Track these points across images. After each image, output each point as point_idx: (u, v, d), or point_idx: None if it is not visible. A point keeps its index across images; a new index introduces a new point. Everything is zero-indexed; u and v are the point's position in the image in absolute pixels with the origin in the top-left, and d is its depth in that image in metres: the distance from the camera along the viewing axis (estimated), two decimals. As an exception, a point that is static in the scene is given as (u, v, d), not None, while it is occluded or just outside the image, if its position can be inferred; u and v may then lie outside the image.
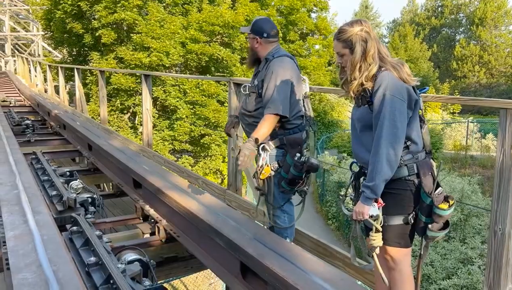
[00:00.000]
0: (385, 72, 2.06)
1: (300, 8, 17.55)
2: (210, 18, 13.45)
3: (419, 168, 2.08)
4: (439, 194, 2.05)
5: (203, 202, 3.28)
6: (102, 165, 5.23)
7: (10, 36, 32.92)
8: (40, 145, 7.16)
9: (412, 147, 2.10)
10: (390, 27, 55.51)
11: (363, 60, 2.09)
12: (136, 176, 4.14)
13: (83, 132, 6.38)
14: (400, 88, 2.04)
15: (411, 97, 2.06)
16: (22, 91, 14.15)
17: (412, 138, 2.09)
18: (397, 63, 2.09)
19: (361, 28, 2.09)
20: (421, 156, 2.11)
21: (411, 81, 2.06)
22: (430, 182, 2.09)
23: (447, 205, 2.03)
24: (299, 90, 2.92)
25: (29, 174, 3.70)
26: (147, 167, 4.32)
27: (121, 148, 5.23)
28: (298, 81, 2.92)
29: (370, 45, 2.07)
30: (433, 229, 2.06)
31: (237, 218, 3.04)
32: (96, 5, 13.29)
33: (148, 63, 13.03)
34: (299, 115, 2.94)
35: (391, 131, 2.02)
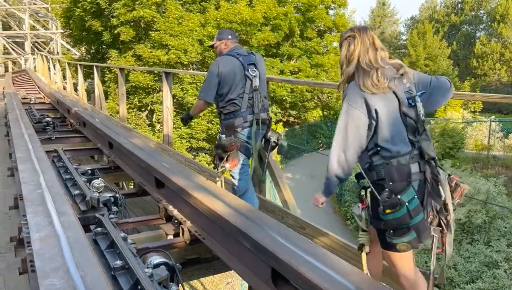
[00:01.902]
0: (352, 82, 2.25)
1: (318, 4, 17.35)
2: (228, 15, 13.37)
3: (387, 174, 2.14)
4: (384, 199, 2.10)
5: (228, 202, 3.18)
6: (123, 163, 5.18)
7: (29, 34, 33.39)
8: (61, 142, 7.17)
9: (383, 152, 2.17)
10: (408, 24, 54.69)
11: (346, 61, 2.29)
12: (159, 175, 4.06)
13: (104, 130, 6.35)
14: (357, 98, 2.19)
15: (369, 107, 2.17)
16: (42, 88, 14.28)
17: (380, 145, 2.18)
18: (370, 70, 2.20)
19: (350, 34, 2.31)
20: (397, 162, 2.14)
21: (373, 89, 2.16)
22: (400, 188, 2.11)
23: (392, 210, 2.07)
24: (233, 83, 3.52)
25: (52, 172, 3.64)
26: (170, 166, 4.24)
27: (142, 146, 5.17)
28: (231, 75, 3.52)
29: (352, 49, 2.26)
30: (391, 235, 2.11)
31: (264, 220, 2.93)
32: (115, 3, 13.31)
33: (166, 60, 13.03)
34: (232, 103, 3.54)
35: (342, 137, 2.21)
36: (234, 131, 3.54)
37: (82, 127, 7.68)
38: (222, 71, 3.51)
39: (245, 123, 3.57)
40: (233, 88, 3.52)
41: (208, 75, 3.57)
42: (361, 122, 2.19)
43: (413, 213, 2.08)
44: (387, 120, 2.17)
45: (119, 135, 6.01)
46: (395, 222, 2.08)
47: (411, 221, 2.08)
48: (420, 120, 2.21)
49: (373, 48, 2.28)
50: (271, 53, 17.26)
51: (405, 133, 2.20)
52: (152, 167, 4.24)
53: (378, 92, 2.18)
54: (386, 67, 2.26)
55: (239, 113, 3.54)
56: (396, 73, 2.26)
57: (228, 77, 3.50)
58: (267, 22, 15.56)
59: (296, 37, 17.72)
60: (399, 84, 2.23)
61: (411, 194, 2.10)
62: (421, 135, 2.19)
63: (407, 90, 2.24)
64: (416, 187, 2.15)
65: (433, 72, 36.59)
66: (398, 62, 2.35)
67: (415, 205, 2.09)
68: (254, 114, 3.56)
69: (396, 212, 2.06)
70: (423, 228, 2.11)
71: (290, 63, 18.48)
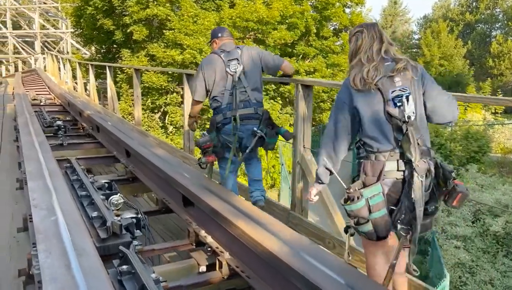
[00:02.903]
0: (347, 77, 2.33)
1: (335, 2, 16.77)
2: (245, 13, 12.84)
3: (363, 167, 2.26)
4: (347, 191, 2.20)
5: (276, 233, 2.66)
6: (143, 175, 4.70)
7: (39, 33, 33.18)
8: (73, 148, 6.72)
9: (366, 146, 2.27)
10: (420, 23, 53.83)
11: (353, 56, 2.35)
12: (187, 192, 3.56)
13: (119, 136, 5.87)
14: (344, 92, 2.30)
15: (352, 103, 2.25)
16: (52, 89, 13.90)
17: (363, 140, 2.28)
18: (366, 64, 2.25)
19: (359, 29, 2.36)
20: (375, 157, 2.22)
21: (359, 86, 2.21)
22: (371, 182, 2.20)
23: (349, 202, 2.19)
24: (213, 80, 3.64)
25: (66, 191, 3.16)
26: (199, 181, 3.74)
27: (164, 157, 4.68)
28: (214, 72, 3.62)
29: (360, 43, 2.31)
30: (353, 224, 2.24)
31: (323, 257, 2.41)
32: (128, 1, 12.84)
33: (181, 60, 12.52)
34: (215, 100, 3.69)
35: (332, 129, 2.32)
36: (217, 128, 3.68)
37: (95, 132, 7.22)
38: (204, 72, 3.67)
39: (225, 120, 3.65)
40: (215, 86, 3.66)
41: (194, 75, 3.87)
42: (347, 114, 2.28)
43: (374, 208, 2.16)
44: (369, 118, 2.22)
45: (137, 142, 5.53)
46: (352, 213, 2.21)
47: (370, 215, 2.17)
48: (406, 121, 2.18)
49: (379, 42, 2.30)
50: (286, 53, 16.71)
51: (389, 132, 2.22)
52: (178, 183, 3.75)
53: (364, 89, 2.22)
54: (386, 62, 2.26)
55: (220, 109, 3.66)
56: (392, 70, 2.24)
57: (210, 75, 3.65)
58: (283, 21, 15.04)
59: (312, 36, 17.15)
60: (388, 82, 2.22)
61: (376, 190, 2.17)
62: (403, 136, 2.17)
63: (395, 89, 2.21)
64: (390, 184, 2.21)
65: (448, 72, 35.80)
66: (400, 57, 2.30)
67: (378, 201, 2.17)
68: (232, 110, 3.62)
69: (352, 204, 2.17)
70: (382, 223, 2.19)
71: (305, 63, 17.93)
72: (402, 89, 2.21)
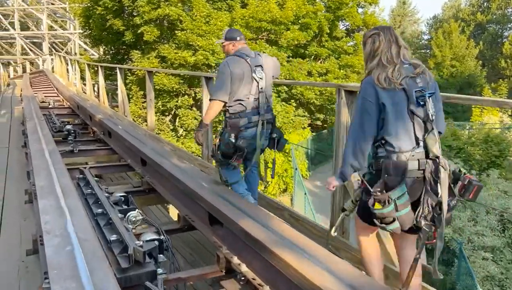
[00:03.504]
0: (368, 77, 2.35)
1: (349, 2, 16.34)
2: (258, 13, 12.45)
3: (384, 167, 2.28)
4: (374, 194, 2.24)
5: (325, 264, 2.28)
6: (162, 188, 4.33)
7: (47, 34, 33.05)
8: (84, 155, 6.39)
9: (387, 146, 2.30)
10: (430, 23, 53.22)
11: (370, 57, 2.38)
12: (214, 210, 3.20)
13: (133, 142, 5.52)
14: (369, 91, 2.31)
15: (378, 100, 2.27)
16: (60, 90, 13.61)
17: (386, 139, 2.30)
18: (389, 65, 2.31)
19: (375, 32, 2.41)
20: (397, 157, 2.28)
21: (384, 84, 2.26)
22: (394, 182, 2.24)
23: (380, 206, 2.23)
24: (241, 83, 3.58)
25: (81, 210, 2.80)
26: (226, 197, 3.37)
27: (184, 168, 4.31)
28: (240, 75, 3.57)
29: (377, 45, 2.35)
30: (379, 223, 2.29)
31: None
32: (138, 0, 12.49)
33: (193, 62, 12.15)
34: (239, 104, 3.60)
35: (357, 128, 2.34)
36: (239, 131, 3.62)
37: (107, 137, 6.88)
38: (233, 71, 3.57)
39: (249, 124, 3.65)
40: (241, 89, 3.61)
41: (219, 75, 3.66)
42: (374, 114, 2.30)
43: (400, 208, 2.22)
44: (393, 116, 2.27)
45: (153, 150, 5.17)
46: (382, 215, 2.24)
47: (396, 214, 2.23)
48: (429, 119, 2.27)
49: (396, 45, 2.36)
50: (299, 54, 16.31)
51: (411, 131, 2.28)
52: (203, 199, 3.38)
53: (389, 87, 2.27)
54: (405, 65, 2.34)
55: (244, 113, 3.63)
56: (413, 72, 2.32)
57: (237, 77, 3.58)
58: (296, 21, 14.64)
59: (325, 37, 16.73)
60: (411, 82, 2.29)
61: (402, 190, 2.22)
62: (428, 134, 2.26)
63: (418, 89, 2.29)
64: (410, 183, 2.27)
65: (460, 73, 35.18)
66: (417, 62, 2.41)
67: (404, 201, 2.22)
68: (259, 115, 3.66)
69: (383, 209, 2.22)
70: (406, 219, 2.25)
71: (317, 64, 17.51)
72: (422, 90, 2.30)
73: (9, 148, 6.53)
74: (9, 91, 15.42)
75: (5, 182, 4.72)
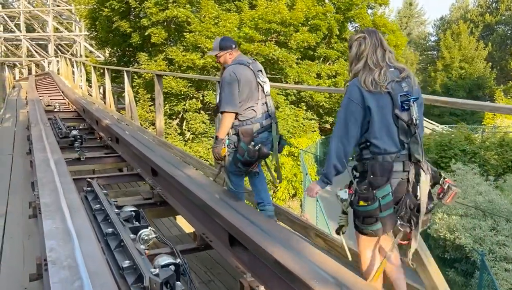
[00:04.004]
0: (354, 79, 2.39)
1: (360, 3, 16.01)
2: (267, 14, 12.14)
3: (370, 167, 2.32)
4: (362, 191, 2.28)
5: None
6: (176, 201, 4.04)
7: (53, 36, 32.95)
8: (91, 163, 6.12)
9: (372, 148, 2.34)
10: (437, 24, 52.81)
11: (355, 59, 2.42)
12: (235, 231, 2.90)
13: (142, 150, 5.24)
14: (355, 93, 2.34)
15: (364, 103, 2.31)
16: (66, 93, 13.40)
17: (371, 141, 2.34)
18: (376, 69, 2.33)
19: (361, 35, 2.43)
20: (382, 158, 2.31)
21: (371, 87, 2.29)
22: (380, 182, 2.27)
23: (365, 203, 2.26)
24: (249, 90, 3.57)
25: (91, 234, 2.52)
26: (247, 215, 3.08)
27: (198, 180, 4.03)
28: (248, 82, 3.56)
29: (363, 48, 2.38)
30: (360, 223, 2.33)
31: None
32: (146, 1, 12.21)
33: (202, 64, 11.85)
34: (251, 110, 3.60)
35: (342, 130, 2.38)
36: (252, 137, 3.58)
37: (115, 144, 6.61)
38: (240, 79, 3.54)
39: (261, 128, 3.65)
40: (251, 95, 3.60)
41: (226, 85, 3.55)
42: (359, 116, 2.32)
43: (384, 208, 2.24)
44: (378, 119, 2.29)
45: (163, 158, 4.89)
46: (366, 213, 2.26)
47: (379, 214, 2.24)
48: (413, 123, 2.29)
49: (381, 49, 2.38)
50: (308, 56, 15.98)
51: (395, 134, 2.31)
52: (222, 217, 3.09)
53: (375, 90, 2.28)
54: (390, 69, 2.36)
55: (256, 119, 3.62)
56: (398, 76, 2.34)
57: (245, 84, 3.56)
58: (305, 22, 14.33)
59: (334, 38, 16.41)
60: (396, 86, 2.31)
61: (387, 190, 2.24)
62: (411, 138, 2.29)
63: (403, 93, 2.31)
64: (395, 184, 2.29)
65: (469, 75, 34.75)
66: (403, 66, 2.44)
67: (388, 201, 2.25)
68: (271, 118, 3.68)
69: (368, 206, 2.24)
70: (389, 220, 2.27)
71: (326, 66, 17.19)
72: (408, 94, 2.32)
73: (13, 155, 6.27)
74: (14, 94, 15.23)
75: (8, 194, 4.45)
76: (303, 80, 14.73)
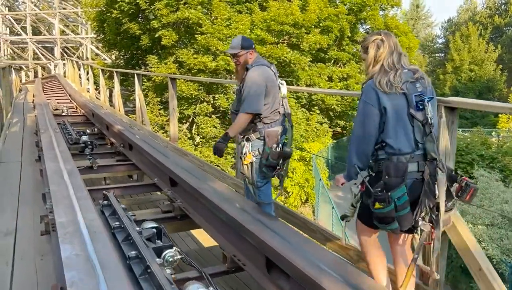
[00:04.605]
0: (369, 81, 2.43)
1: (372, 4, 15.66)
2: (280, 16, 11.81)
3: (385, 168, 2.34)
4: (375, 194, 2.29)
5: None
6: (200, 217, 3.72)
7: (59, 39, 32.82)
8: (103, 171, 5.82)
9: (387, 148, 2.37)
10: (445, 26, 52.40)
11: (373, 62, 2.44)
12: (273, 255, 2.58)
13: (158, 158, 4.93)
14: (371, 95, 2.38)
15: (380, 104, 2.34)
16: (73, 97, 13.13)
17: (386, 141, 2.37)
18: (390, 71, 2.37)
19: (378, 37, 2.46)
20: (397, 159, 2.33)
21: (386, 88, 2.33)
22: (394, 183, 2.28)
23: (380, 205, 2.27)
24: (275, 92, 3.53)
25: (116, 263, 2.20)
26: (283, 235, 2.76)
27: (224, 193, 3.70)
28: (274, 85, 3.54)
29: (381, 51, 2.43)
30: (377, 223, 2.36)
31: None
32: (156, 2, 11.91)
33: (214, 67, 11.53)
34: (277, 112, 3.56)
35: (360, 131, 2.44)
36: (278, 139, 3.51)
37: (127, 150, 6.30)
38: (267, 81, 3.51)
39: (284, 130, 3.63)
40: (276, 97, 3.57)
41: (252, 85, 3.46)
42: (376, 117, 2.36)
43: (400, 208, 2.26)
44: (394, 119, 2.34)
45: (181, 166, 4.57)
46: (382, 215, 2.29)
47: (396, 214, 2.27)
48: (428, 122, 2.32)
49: (397, 52, 2.44)
50: (319, 58, 15.66)
51: (411, 134, 2.34)
52: (256, 237, 2.76)
53: (391, 91, 2.33)
54: (404, 70, 2.40)
55: (279, 121, 3.60)
56: (412, 77, 2.39)
57: (272, 87, 3.54)
58: (317, 24, 14.02)
59: (346, 40, 16.08)
60: (411, 87, 2.36)
61: (402, 191, 2.26)
62: (427, 137, 2.31)
63: (418, 93, 2.35)
64: (410, 184, 2.31)
65: (479, 78, 34.27)
66: (416, 67, 2.48)
67: (403, 201, 2.26)
68: (289, 121, 3.66)
69: (384, 208, 2.26)
70: (405, 219, 2.29)
71: (338, 68, 16.84)
72: (422, 94, 2.35)
73: (22, 162, 5.98)
74: (21, 97, 14.98)
75: (18, 207, 4.14)
76: (315, 83, 14.43)
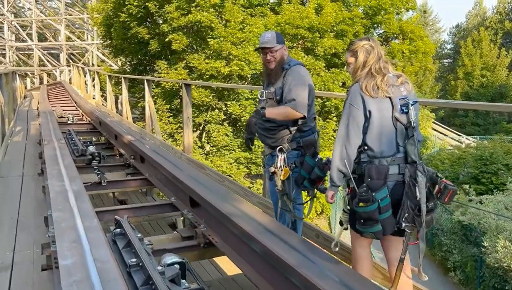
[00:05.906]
0: (355, 84, 2.50)
1: (388, 7, 15.10)
2: (295, 19, 11.27)
3: (367, 171, 2.41)
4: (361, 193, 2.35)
5: None
6: (225, 244, 3.14)
7: (65, 45, 32.52)
8: (113, 187, 5.27)
9: (369, 151, 2.44)
10: (453, 32, 51.77)
11: (362, 66, 2.50)
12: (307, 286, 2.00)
13: (175, 173, 4.38)
14: (357, 98, 2.44)
15: (365, 108, 2.41)
16: (79, 104, 12.66)
17: (367, 144, 2.43)
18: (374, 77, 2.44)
19: (367, 42, 2.53)
20: (378, 162, 2.41)
21: (372, 92, 2.40)
22: (376, 185, 2.35)
23: (364, 204, 2.33)
24: (312, 95, 3.29)
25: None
26: (330, 268, 2.19)
27: (252, 215, 3.13)
28: (313, 87, 3.33)
29: (371, 56, 2.49)
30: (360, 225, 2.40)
31: None
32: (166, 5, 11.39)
33: (227, 72, 10.98)
34: (313, 117, 3.36)
35: (344, 133, 2.47)
36: (315, 149, 3.23)
37: (139, 163, 5.76)
38: (310, 81, 3.31)
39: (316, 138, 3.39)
40: (312, 101, 3.30)
41: (302, 83, 3.16)
42: (360, 120, 2.41)
43: (383, 210, 2.34)
44: (378, 123, 2.40)
45: (204, 186, 3.99)
46: (365, 215, 2.35)
47: (379, 216, 2.34)
48: (411, 126, 2.41)
49: (383, 60, 2.51)
50: (332, 63, 15.09)
51: (393, 137, 2.42)
52: (309, 283, 2.19)
53: (376, 95, 2.40)
54: (390, 75, 2.48)
55: (314, 128, 3.36)
56: (396, 81, 2.48)
57: (313, 89, 3.30)
58: (331, 28, 13.49)
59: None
60: (396, 91, 2.45)
61: (384, 193, 2.34)
62: (408, 140, 2.40)
63: (402, 97, 2.44)
64: (391, 187, 2.40)
65: (491, 84, 33.57)
66: (400, 73, 2.57)
67: (386, 203, 2.34)
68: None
69: (367, 207, 2.32)
70: (389, 223, 2.37)
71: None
72: (406, 98, 2.45)
73: (23, 176, 5.46)
74: (25, 104, 14.54)
75: (16, 234, 3.59)
76: (329, 89, 13.86)
